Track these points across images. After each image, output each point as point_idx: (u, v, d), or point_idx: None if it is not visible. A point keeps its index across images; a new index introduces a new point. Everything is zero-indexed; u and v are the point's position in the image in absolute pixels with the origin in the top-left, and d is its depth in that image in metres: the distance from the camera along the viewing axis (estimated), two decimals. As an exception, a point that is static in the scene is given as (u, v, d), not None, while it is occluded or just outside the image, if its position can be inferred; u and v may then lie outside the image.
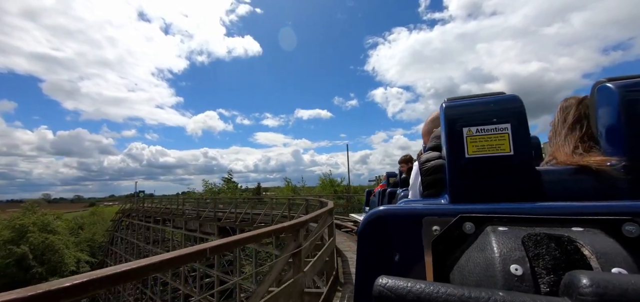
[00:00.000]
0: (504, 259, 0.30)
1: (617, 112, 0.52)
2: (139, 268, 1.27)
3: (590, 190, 0.52)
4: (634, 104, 0.51)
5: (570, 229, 0.34)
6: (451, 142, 0.56)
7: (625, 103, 0.51)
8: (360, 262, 0.53)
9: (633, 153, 0.50)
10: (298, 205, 11.19)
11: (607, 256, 0.28)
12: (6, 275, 19.06)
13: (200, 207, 15.56)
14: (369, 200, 6.29)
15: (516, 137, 0.53)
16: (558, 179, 0.55)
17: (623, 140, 0.51)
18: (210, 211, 14.34)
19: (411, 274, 0.46)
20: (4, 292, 0.83)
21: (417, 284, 0.24)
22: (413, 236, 0.46)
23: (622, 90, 0.52)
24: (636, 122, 0.50)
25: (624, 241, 0.32)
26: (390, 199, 4.05)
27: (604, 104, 0.56)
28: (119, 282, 1.22)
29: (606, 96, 0.55)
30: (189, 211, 16.41)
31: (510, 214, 0.39)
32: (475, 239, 0.37)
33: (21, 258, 19.71)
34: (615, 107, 0.53)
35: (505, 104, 0.56)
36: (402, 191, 2.47)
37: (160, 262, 1.38)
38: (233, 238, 2.11)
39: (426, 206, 0.53)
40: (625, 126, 0.51)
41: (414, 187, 0.92)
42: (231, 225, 12.64)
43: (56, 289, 0.94)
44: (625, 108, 0.51)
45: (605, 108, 0.55)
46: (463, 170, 0.55)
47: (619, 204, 0.44)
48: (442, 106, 0.60)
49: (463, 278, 0.34)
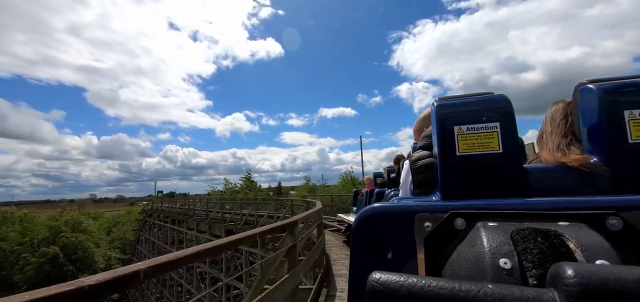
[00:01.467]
0: (493, 253, 0.31)
1: (598, 113, 0.55)
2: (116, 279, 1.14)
3: (575, 186, 0.55)
4: (613, 105, 0.54)
5: (556, 223, 0.36)
6: (443, 141, 0.58)
7: (606, 104, 0.54)
8: (354, 259, 0.53)
9: (613, 151, 0.53)
10: (298, 206, 10.27)
11: (592, 249, 0.29)
12: (42, 272, 20.09)
13: (209, 207, 15.04)
14: (356, 200, 6.24)
15: (505, 135, 0.55)
16: (544, 176, 0.58)
17: (604, 139, 0.55)
18: (217, 212, 13.79)
19: (404, 269, 0.47)
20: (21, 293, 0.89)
21: (409, 279, 0.24)
22: (406, 233, 0.47)
23: (602, 91, 0.55)
24: (615, 122, 0.53)
25: (608, 234, 0.34)
26: (378, 198, 4.05)
27: (585, 105, 0.59)
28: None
29: (588, 97, 0.58)
30: (198, 211, 15.98)
31: (499, 210, 0.41)
32: (466, 235, 0.38)
33: (53, 257, 20.64)
34: (596, 107, 0.56)
35: (495, 104, 0.58)
36: (390, 190, 2.63)
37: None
38: (196, 249, 1.73)
39: (418, 203, 0.53)
40: (605, 126, 0.54)
41: (405, 185, 0.96)
42: (235, 227, 11.88)
43: None
44: (605, 108, 0.54)
45: (587, 109, 0.58)
46: (454, 167, 0.57)
47: (602, 199, 0.44)
48: (433, 105, 0.63)
49: (454, 273, 0.35)
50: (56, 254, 20.79)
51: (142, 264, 1.32)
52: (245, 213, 12.33)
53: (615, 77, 0.57)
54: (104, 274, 1.12)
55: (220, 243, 1.94)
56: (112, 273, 1.14)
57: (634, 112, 0.52)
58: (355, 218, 0.54)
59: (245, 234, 2.33)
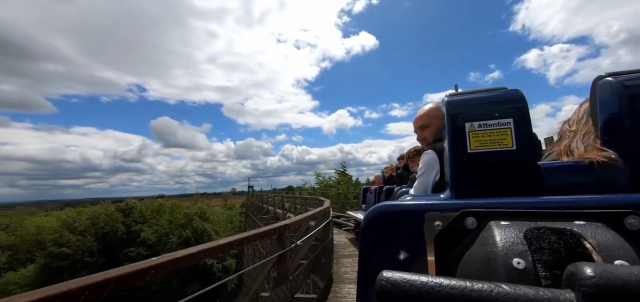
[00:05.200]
0: (506, 252, 0.30)
1: (618, 107, 0.53)
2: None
3: (593, 184, 0.52)
4: (634, 98, 0.51)
5: (572, 222, 0.34)
6: (453, 137, 0.56)
7: (626, 97, 0.51)
8: (363, 258, 0.51)
9: (634, 147, 0.50)
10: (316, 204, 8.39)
11: (610, 249, 0.28)
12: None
13: (276, 203, 14.11)
14: (365, 197, 6.18)
15: (518, 132, 0.53)
16: (561, 173, 0.56)
17: (624, 134, 0.52)
18: (278, 208, 12.73)
19: (413, 269, 0.45)
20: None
21: (419, 278, 0.24)
22: (415, 232, 0.46)
23: (622, 84, 0.52)
24: (636, 116, 0.50)
25: (626, 234, 0.32)
26: (387, 196, 3.89)
27: (604, 99, 0.56)
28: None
29: (606, 91, 0.55)
30: (268, 206, 15.54)
31: (512, 209, 0.40)
32: (477, 234, 0.37)
33: (186, 240, 25.28)
34: (615, 101, 0.53)
35: (508, 99, 0.56)
36: (399, 188, 2.42)
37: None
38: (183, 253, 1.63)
39: (428, 202, 0.51)
40: (625, 120, 0.51)
41: (426, 178, 0.91)
42: (267, 222, 10.46)
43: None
44: (625, 102, 0.51)
45: (606, 103, 0.56)
46: (465, 165, 0.55)
47: (621, 197, 0.42)
48: (444, 100, 0.61)
49: (465, 272, 0.34)
50: (188, 237, 25.43)
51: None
52: (287, 208, 11.47)
53: (634, 70, 0.54)
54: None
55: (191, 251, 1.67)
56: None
57: None
58: (363, 217, 0.52)
59: (227, 240, 2.05)
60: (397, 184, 3.66)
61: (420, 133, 1.24)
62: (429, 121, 1.19)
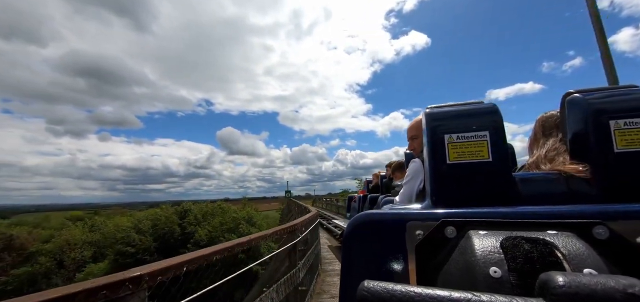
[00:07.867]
0: (484, 261, 0.31)
1: (584, 123, 0.56)
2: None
3: (563, 195, 0.55)
4: (599, 114, 0.54)
5: (545, 232, 0.36)
6: (433, 148, 0.59)
7: (592, 113, 0.55)
8: (344, 267, 0.52)
9: (599, 161, 0.54)
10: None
11: (579, 258, 0.30)
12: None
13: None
14: (350, 206, 6.23)
15: (494, 144, 0.56)
16: (533, 184, 0.58)
17: (590, 149, 0.55)
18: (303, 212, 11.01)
19: (395, 278, 0.46)
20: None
21: (400, 288, 0.24)
22: (397, 241, 0.47)
23: (588, 102, 0.56)
24: (602, 131, 0.54)
25: (595, 243, 0.34)
26: (371, 205, 3.97)
27: (573, 115, 0.60)
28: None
29: (574, 107, 0.59)
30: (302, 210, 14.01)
31: (489, 218, 0.42)
32: (457, 243, 0.38)
33: (233, 244, 25.90)
34: (583, 117, 0.57)
35: (484, 113, 0.59)
36: (383, 197, 2.53)
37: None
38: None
39: (410, 211, 0.53)
40: (591, 135, 0.55)
41: (411, 186, 1.00)
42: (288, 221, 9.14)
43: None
44: (591, 118, 0.55)
45: (574, 118, 0.59)
46: (445, 175, 0.57)
47: (589, 207, 0.45)
48: (424, 113, 0.64)
49: (445, 281, 0.35)
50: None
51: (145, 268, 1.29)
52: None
53: (601, 87, 0.58)
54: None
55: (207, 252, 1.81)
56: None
57: (619, 122, 0.53)
58: (346, 225, 0.53)
59: (238, 241, 2.21)
60: (382, 192, 3.69)
61: (411, 143, 1.38)
62: (417, 133, 1.33)
